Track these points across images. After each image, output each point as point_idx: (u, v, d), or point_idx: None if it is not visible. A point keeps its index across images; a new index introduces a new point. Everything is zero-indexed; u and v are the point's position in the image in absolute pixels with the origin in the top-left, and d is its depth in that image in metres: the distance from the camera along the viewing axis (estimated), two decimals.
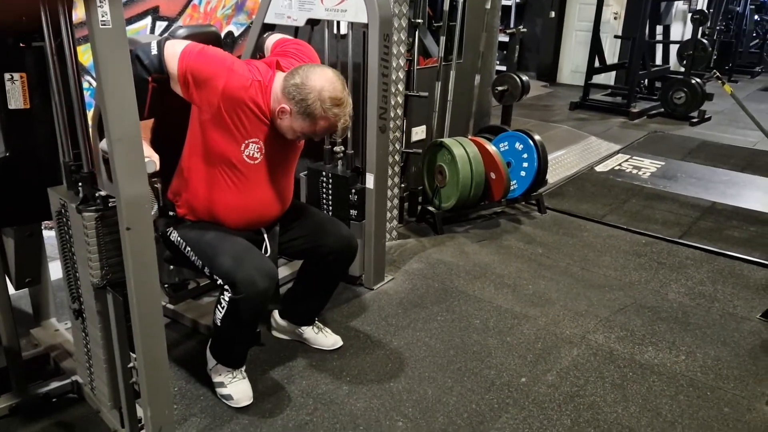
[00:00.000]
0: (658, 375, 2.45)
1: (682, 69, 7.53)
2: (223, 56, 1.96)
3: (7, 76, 1.76)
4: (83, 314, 1.84)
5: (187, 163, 2.08)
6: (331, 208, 3.00)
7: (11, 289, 2.08)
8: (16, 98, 1.79)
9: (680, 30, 9.22)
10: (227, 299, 1.98)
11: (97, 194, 1.63)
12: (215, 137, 1.99)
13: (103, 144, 1.54)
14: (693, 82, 6.93)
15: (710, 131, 6.67)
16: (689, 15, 7.44)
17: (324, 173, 2.97)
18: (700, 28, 7.20)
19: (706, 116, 7.07)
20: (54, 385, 2.14)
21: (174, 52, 1.89)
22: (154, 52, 1.88)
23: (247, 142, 2.02)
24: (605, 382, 2.40)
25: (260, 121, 2.01)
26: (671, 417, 2.22)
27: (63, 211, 1.75)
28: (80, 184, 1.67)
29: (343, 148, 2.93)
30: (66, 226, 1.76)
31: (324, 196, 3.00)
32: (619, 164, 5.33)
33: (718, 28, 8.68)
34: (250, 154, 2.04)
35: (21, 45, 1.78)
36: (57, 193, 1.77)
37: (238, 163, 2.03)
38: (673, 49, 8.44)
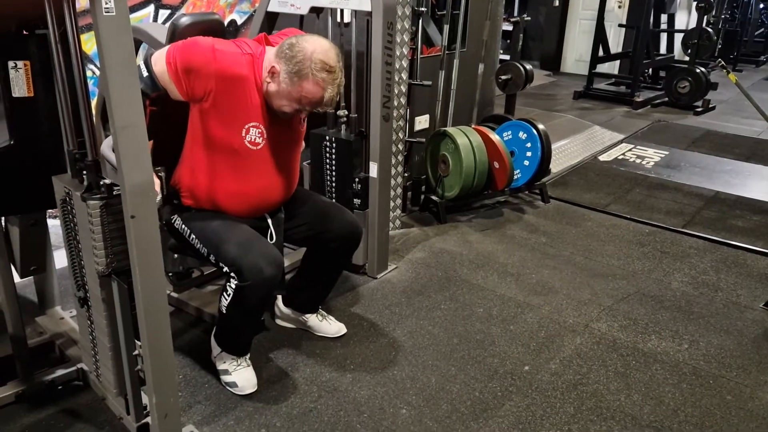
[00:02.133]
0: (661, 363, 2.46)
1: (687, 58, 7.49)
2: (204, 41, 1.95)
3: (11, 63, 1.76)
4: (88, 302, 1.85)
5: (189, 153, 2.08)
6: (334, 173, 2.93)
7: (16, 278, 2.09)
8: (20, 86, 1.79)
9: (685, 19, 9.16)
10: (233, 286, 1.98)
11: (101, 182, 1.63)
12: (215, 126, 1.98)
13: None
14: (697, 71, 6.89)
15: (714, 120, 6.65)
16: (694, 3, 7.38)
17: (327, 137, 2.88)
18: (705, 17, 7.15)
19: (710, 105, 7.04)
20: (59, 372, 2.16)
21: (159, 59, 1.91)
22: (146, 73, 1.91)
23: (247, 126, 2.01)
24: (608, 371, 2.40)
25: (257, 94, 2.00)
26: (674, 405, 2.22)
27: (68, 199, 1.75)
28: (85, 172, 1.67)
29: (346, 112, 2.86)
30: (71, 214, 1.77)
31: (327, 161, 2.93)
32: (623, 154, 5.32)
33: (723, 16, 8.63)
34: (252, 140, 2.03)
35: (24, 32, 1.77)
36: (61, 181, 1.77)
37: (240, 149, 2.03)
38: (678, 38, 8.40)
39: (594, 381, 2.34)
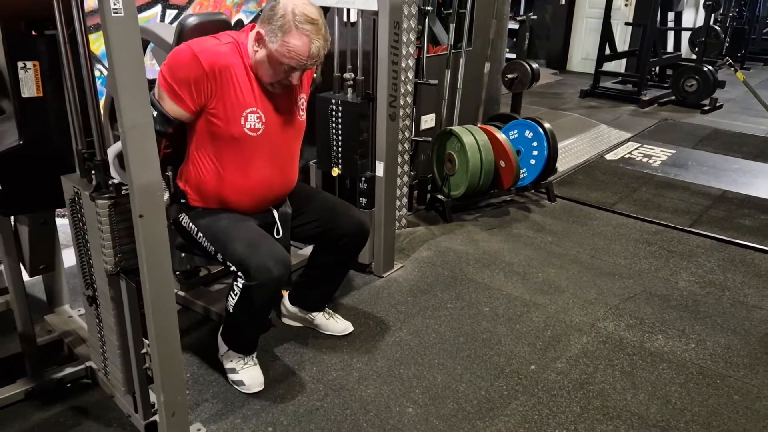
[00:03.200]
0: (668, 363, 2.45)
1: (694, 56, 7.45)
2: (182, 50, 1.94)
3: (20, 64, 1.77)
4: (97, 301, 1.86)
5: (194, 153, 2.09)
6: (341, 137, 2.87)
7: (25, 276, 2.11)
8: (29, 86, 1.80)
9: (692, 16, 9.12)
10: (240, 286, 1.99)
11: (110, 182, 1.64)
12: (216, 121, 1.99)
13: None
14: (705, 69, 6.85)
15: (722, 119, 6.61)
16: (701, 1, 7.36)
17: (333, 101, 2.83)
18: (713, 15, 7.11)
19: (717, 104, 7.00)
20: (68, 370, 2.17)
21: (159, 94, 1.94)
22: (155, 112, 1.92)
23: (245, 113, 2.01)
24: (615, 370, 2.40)
25: (248, 77, 2.01)
26: (681, 404, 2.22)
27: (76, 198, 1.77)
28: (93, 171, 1.69)
29: (353, 75, 2.81)
30: (79, 213, 1.78)
31: (334, 125, 2.86)
32: (630, 152, 5.30)
33: (730, 14, 8.57)
34: (252, 126, 2.03)
35: (33, 33, 1.79)
36: (70, 180, 1.78)
37: (241, 137, 2.02)
38: (685, 36, 8.35)
39: (600, 380, 2.34)
